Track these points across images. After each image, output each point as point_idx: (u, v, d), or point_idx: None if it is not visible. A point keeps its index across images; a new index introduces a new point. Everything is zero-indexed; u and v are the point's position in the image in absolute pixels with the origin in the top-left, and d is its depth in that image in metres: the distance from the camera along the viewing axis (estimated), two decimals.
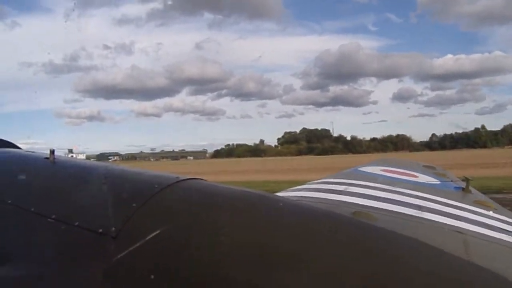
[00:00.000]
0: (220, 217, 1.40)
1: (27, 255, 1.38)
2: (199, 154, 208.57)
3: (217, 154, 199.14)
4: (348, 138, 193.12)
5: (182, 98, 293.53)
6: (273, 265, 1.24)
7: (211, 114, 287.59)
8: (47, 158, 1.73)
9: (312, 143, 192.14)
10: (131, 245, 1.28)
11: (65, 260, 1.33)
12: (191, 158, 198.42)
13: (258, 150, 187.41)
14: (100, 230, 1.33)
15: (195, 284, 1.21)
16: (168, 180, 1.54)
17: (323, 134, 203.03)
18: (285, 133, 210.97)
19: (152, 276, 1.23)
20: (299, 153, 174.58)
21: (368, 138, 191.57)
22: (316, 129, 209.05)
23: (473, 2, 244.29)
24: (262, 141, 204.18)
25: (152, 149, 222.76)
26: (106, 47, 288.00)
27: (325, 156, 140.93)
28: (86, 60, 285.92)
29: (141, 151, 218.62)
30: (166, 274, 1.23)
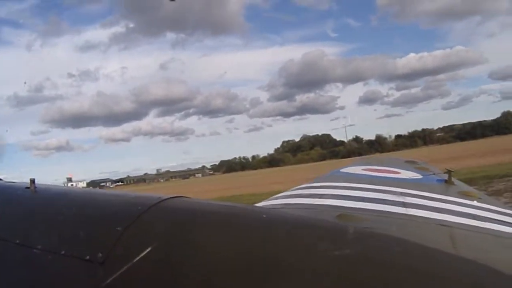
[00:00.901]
0: (206, 234, 1.39)
1: None
2: (200, 171, 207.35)
3: (230, 168, 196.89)
4: (364, 138, 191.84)
5: (150, 121, 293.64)
6: (260, 278, 1.22)
7: (180, 134, 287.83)
8: (27, 187, 1.72)
9: (315, 148, 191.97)
10: (119, 269, 1.27)
11: None
12: (200, 175, 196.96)
13: (275, 160, 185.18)
14: (87, 257, 1.32)
15: None
16: (151, 201, 1.53)
17: (326, 139, 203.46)
18: (284, 142, 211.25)
19: None
20: (323, 158, 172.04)
21: (393, 136, 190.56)
22: (317, 135, 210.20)
23: (431, 0, 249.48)
24: (254, 156, 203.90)
25: (158, 170, 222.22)
26: (70, 75, 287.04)
27: (354, 158, 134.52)
28: (51, 89, 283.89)
29: (145, 173, 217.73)
30: None
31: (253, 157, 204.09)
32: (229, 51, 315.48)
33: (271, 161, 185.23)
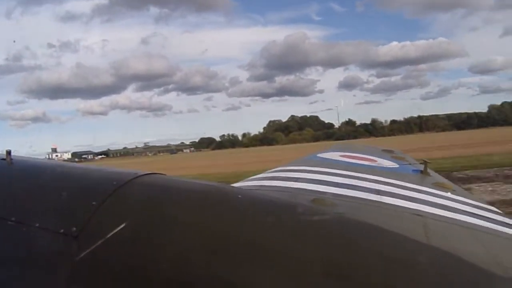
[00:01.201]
0: (180, 211, 1.40)
1: None
2: (184, 147, 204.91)
3: (220, 145, 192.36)
4: (356, 122, 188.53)
5: (128, 95, 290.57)
6: (231, 257, 1.24)
7: (157, 110, 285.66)
8: (3, 159, 1.69)
9: (302, 130, 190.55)
10: (92, 243, 1.26)
11: (27, 262, 1.30)
12: (187, 151, 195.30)
13: (267, 139, 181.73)
14: (61, 231, 1.31)
15: (159, 279, 1.21)
16: (127, 176, 1.52)
17: (315, 121, 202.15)
18: (270, 121, 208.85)
19: (116, 274, 1.23)
20: (316, 139, 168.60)
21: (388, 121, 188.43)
22: (306, 116, 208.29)
23: None
24: (244, 134, 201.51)
25: (146, 144, 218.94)
26: (50, 45, 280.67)
27: (350, 141, 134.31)
28: (30, 59, 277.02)
29: (135, 146, 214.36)
30: (129, 271, 1.23)
31: (244, 134, 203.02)
32: (211, 28, 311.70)
33: (262, 140, 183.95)
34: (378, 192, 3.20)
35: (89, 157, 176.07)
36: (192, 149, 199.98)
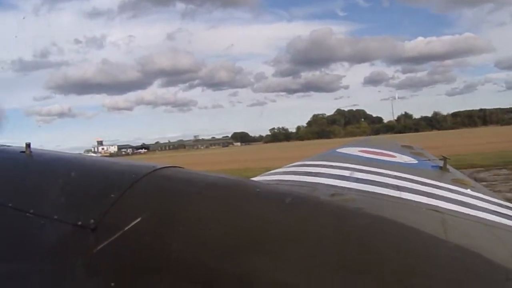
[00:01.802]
0: (199, 204, 1.40)
1: (6, 251, 1.36)
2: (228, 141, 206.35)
3: (274, 138, 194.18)
4: (412, 115, 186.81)
5: (154, 91, 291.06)
6: (250, 251, 1.24)
7: (182, 105, 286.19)
8: (23, 151, 1.71)
9: (351, 124, 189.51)
10: (110, 236, 1.26)
11: (45, 254, 1.31)
12: (238, 144, 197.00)
13: (325, 132, 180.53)
14: (79, 223, 1.31)
15: (176, 274, 1.21)
16: (145, 169, 1.51)
17: (362, 115, 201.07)
18: (314, 115, 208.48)
19: (133, 267, 1.23)
20: (376, 132, 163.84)
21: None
22: (352, 110, 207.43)
23: None
24: (299, 127, 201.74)
25: (195, 136, 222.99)
26: (77, 41, 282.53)
27: (412, 133, 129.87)
28: (57, 55, 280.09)
29: (181, 139, 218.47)
30: (146, 264, 1.23)
31: (298, 127, 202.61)
32: (237, 24, 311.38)
33: (319, 133, 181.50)
34: (397, 187, 3.20)
35: (129, 151, 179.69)
36: (239, 143, 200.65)
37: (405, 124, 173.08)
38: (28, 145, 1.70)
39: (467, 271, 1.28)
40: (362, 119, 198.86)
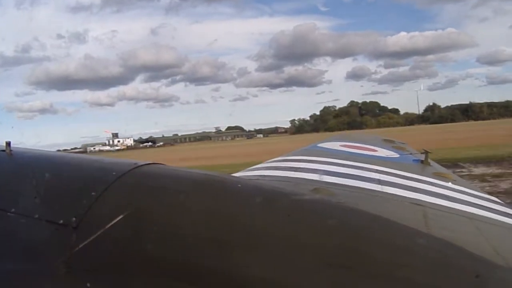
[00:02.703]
0: (180, 202, 1.40)
1: None
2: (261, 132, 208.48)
3: (300, 129, 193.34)
4: (440, 106, 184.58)
5: (136, 86, 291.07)
6: (232, 248, 1.24)
7: (164, 101, 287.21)
8: (3, 150, 1.69)
9: (365, 115, 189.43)
10: (92, 234, 1.27)
11: (27, 253, 1.31)
12: (260, 136, 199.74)
13: (356, 123, 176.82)
14: (61, 221, 1.32)
15: (158, 271, 1.21)
16: (126, 166, 1.52)
17: (376, 106, 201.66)
18: (325, 107, 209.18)
19: (115, 265, 1.24)
20: (411, 123, 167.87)
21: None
22: (365, 102, 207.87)
23: None
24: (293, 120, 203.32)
25: (216, 128, 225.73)
26: (59, 36, 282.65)
27: (446, 124, 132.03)
28: (39, 50, 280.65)
29: (203, 131, 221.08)
30: (129, 262, 1.24)
31: (315, 119, 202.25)
32: (220, 19, 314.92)
33: (350, 123, 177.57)
34: (378, 181, 3.21)
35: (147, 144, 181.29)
36: (261, 135, 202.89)
37: (441, 115, 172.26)
38: (8, 143, 1.69)
39: (448, 264, 1.28)
40: (377, 110, 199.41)
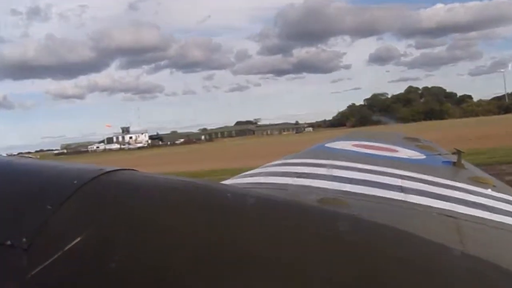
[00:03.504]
0: (155, 214, 1.39)
1: None
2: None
3: (360, 122, 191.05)
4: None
5: (111, 74, 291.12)
6: (219, 271, 1.22)
7: (146, 92, 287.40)
8: None
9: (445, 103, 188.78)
10: (48, 257, 1.23)
11: None
12: (310, 129, 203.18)
13: (435, 112, 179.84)
14: (9, 242, 1.27)
15: None
16: (90, 174, 1.49)
17: (442, 92, 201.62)
18: (373, 94, 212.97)
19: None
20: (506, 110, 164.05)
21: None
22: (427, 87, 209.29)
23: None
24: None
25: (255, 119, 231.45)
26: (15, 12, 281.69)
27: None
28: None
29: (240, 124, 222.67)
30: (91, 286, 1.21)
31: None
32: None
33: (428, 113, 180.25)
34: (400, 188, 3.21)
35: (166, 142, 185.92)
36: (310, 128, 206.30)
37: None
38: None
39: (485, 286, 1.28)
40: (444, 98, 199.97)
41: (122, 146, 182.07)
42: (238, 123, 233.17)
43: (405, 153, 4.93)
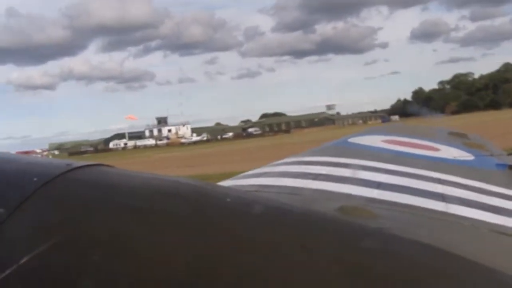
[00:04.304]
0: (135, 221, 1.38)
1: None
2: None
3: (465, 107, 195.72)
4: None
5: (89, 58, 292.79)
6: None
7: (132, 80, 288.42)
8: None
9: None
10: (4, 269, 1.23)
11: None
12: (396, 117, 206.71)
13: (495, 102, 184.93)
14: None
15: None
16: (54, 170, 1.49)
17: None
18: (455, 75, 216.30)
19: None
20: None
21: None
22: None
23: None
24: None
25: (328, 106, 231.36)
26: None
27: None
28: None
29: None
30: None
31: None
32: None
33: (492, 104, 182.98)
34: (442, 197, 3.19)
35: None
36: (396, 117, 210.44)
37: None
38: None
39: None
40: None
41: (159, 142, 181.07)
42: (264, 115, 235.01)
43: (449, 152, 4.93)
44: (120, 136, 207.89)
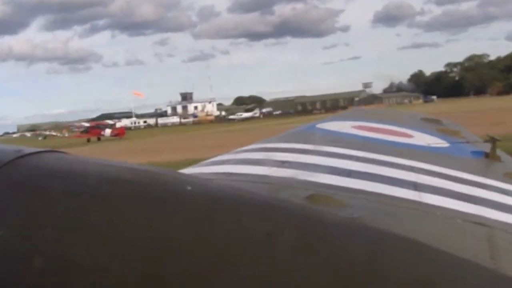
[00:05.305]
0: (89, 210, 1.39)
1: None
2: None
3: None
4: None
5: (30, 37, 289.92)
6: (172, 283, 1.24)
7: (78, 62, 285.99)
8: None
9: None
10: None
11: None
12: (434, 97, 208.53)
13: None
14: None
15: None
16: (2, 156, 1.51)
17: None
18: (469, 56, 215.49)
19: None
20: None
21: None
22: None
23: None
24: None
25: (365, 85, 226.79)
26: None
27: None
28: None
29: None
30: None
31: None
32: None
33: None
34: (414, 185, 3.23)
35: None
36: (434, 97, 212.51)
37: None
38: None
39: None
40: None
41: (183, 120, 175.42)
42: (238, 98, 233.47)
43: (422, 139, 4.97)
44: (107, 116, 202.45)
